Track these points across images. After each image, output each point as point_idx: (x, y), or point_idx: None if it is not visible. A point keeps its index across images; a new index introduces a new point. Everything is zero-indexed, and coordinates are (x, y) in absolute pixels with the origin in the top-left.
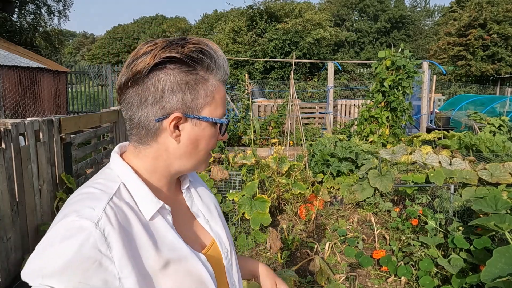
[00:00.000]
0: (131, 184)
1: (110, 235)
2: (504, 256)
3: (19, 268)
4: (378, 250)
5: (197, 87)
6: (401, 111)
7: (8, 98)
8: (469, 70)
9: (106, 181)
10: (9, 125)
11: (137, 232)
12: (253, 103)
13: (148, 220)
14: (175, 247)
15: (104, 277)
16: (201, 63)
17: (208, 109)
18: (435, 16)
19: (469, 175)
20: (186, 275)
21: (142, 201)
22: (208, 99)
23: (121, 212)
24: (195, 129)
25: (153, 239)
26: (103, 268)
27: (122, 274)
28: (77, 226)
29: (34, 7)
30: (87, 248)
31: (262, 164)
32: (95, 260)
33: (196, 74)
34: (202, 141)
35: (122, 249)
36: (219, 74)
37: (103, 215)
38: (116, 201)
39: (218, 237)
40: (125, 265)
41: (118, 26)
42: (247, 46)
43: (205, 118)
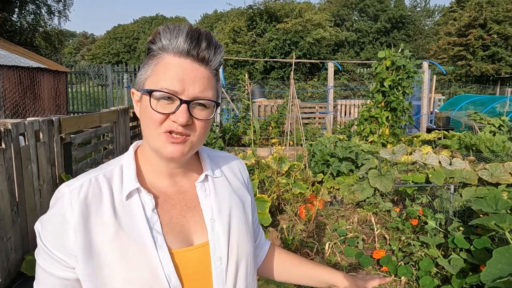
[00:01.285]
0: (126, 166)
1: (74, 204)
2: (504, 256)
3: (19, 268)
4: (378, 250)
5: (145, 65)
6: (401, 111)
7: (8, 98)
8: (469, 70)
9: (111, 162)
10: (9, 125)
11: (104, 208)
12: (253, 103)
13: (125, 201)
14: (139, 232)
15: (64, 237)
16: (156, 44)
17: (149, 81)
18: (435, 16)
19: (469, 175)
20: (140, 263)
21: (125, 181)
22: (149, 72)
23: (96, 188)
24: (142, 104)
25: (119, 218)
26: (64, 229)
27: (75, 238)
28: (60, 190)
29: (34, 7)
30: (59, 209)
31: (262, 164)
32: (61, 221)
33: (149, 55)
34: (145, 114)
35: (80, 217)
36: (169, 47)
37: (78, 186)
38: (100, 178)
39: (215, 240)
40: (78, 231)
41: (118, 26)
42: (247, 46)
43: (143, 89)
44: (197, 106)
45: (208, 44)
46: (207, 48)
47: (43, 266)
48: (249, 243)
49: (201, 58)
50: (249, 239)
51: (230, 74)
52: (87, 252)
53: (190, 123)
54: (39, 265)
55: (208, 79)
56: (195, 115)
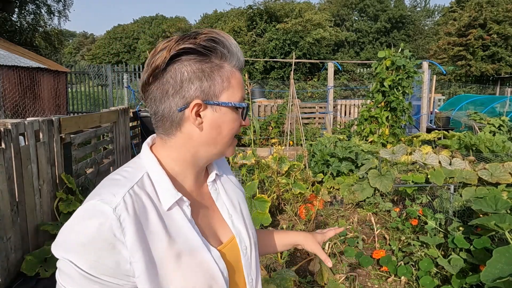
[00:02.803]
0: (154, 174)
1: (125, 221)
2: (504, 256)
3: (19, 268)
4: (378, 250)
5: (213, 74)
6: (401, 111)
7: (8, 98)
8: (469, 70)
9: (133, 170)
10: (9, 125)
11: (153, 221)
12: (253, 103)
13: (166, 210)
14: (189, 240)
15: (117, 259)
16: (214, 51)
17: (226, 94)
18: (435, 16)
19: (469, 175)
20: (197, 268)
21: (162, 191)
22: (224, 85)
23: (139, 201)
24: (216, 115)
25: (167, 229)
26: (116, 250)
27: (133, 259)
28: (98, 209)
29: (34, 7)
30: (103, 230)
31: (262, 164)
32: (110, 243)
33: (210, 62)
34: (224, 126)
35: (134, 235)
36: (233, 61)
37: (122, 202)
38: (137, 190)
39: (238, 233)
40: (136, 251)
41: (118, 26)
42: (247, 46)
43: (224, 103)
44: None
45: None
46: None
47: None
48: (254, 228)
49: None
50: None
51: None
52: (151, 268)
53: None
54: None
55: None
56: None
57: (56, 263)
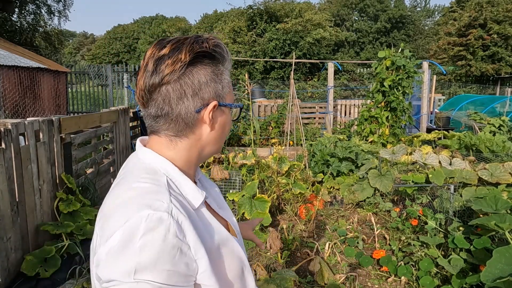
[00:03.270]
0: (174, 176)
1: (183, 223)
2: (504, 256)
3: (19, 268)
4: (378, 250)
5: (222, 77)
6: (401, 111)
7: (8, 98)
8: (469, 70)
9: (153, 175)
10: (9, 125)
11: (195, 220)
12: (253, 103)
13: (196, 209)
14: (219, 232)
15: (186, 261)
16: (220, 56)
17: (229, 96)
18: (435, 16)
19: (469, 175)
20: (233, 256)
21: (188, 191)
22: (228, 88)
23: (181, 202)
24: (223, 116)
25: (205, 226)
26: (184, 253)
27: (197, 257)
28: (156, 218)
29: (34, 7)
30: (170, 237)
31: (262, 164)
32: (178, 248)
33: (218, 66)
34: (227, 126)
35: (193, 234)
36: (229, 66)
37: (173, 206)
38: (173, 193)
39: (231, 221)
40: (198, 248)
41: (118, 26)
42: (247, 46)
43: (230, 104)
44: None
45: None
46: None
47: None
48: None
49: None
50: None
51: (230, 74)
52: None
53: None
54: None
55: None
56: None
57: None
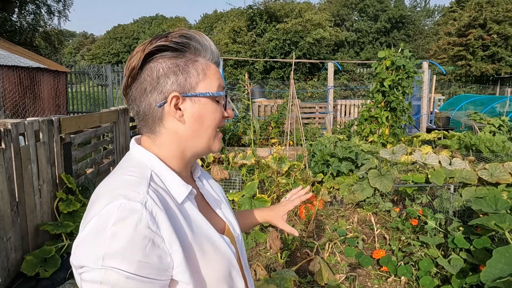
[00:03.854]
0: (160, 170)
1: (158, 215)
2: (504, 256)
3: (19, 268)
4: (378, 250)
5: (188, 68)
6: (401, 111)
7: (8, 98)
8: (469, 70)
9: (139, 169)
10: (9, 125)
11: (174, 214)
12: (253, 103)
13: (180, 204)
14: (204, 230)
15: (159, 253)
16: (188, 46)
17: (203, 85)
18: (435, 16)
19: (469, 175)
20: (218, 254)
21: (172, 185)
22: (200, 76)
23: (160, 195)
24: (196, 106)
25: (186, 221)
26: (156, 245)
27: (171, 250)
28: (129, 208)
29: (34, 7)
30: (141, 228)
31: (262, 164)
32: (150, 239)
33: (185, 57)
34: (206, 117)
35: (169, 227)
36: (207, 55)
37: (148, 197)
38: (154, 186)
39: (229, 222)
40: (173, 242)
41: (118, 26)
42: (247, 46)
43: (202, 93)
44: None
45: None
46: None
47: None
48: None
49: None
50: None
51: (230, 74)
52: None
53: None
54: None
55: None
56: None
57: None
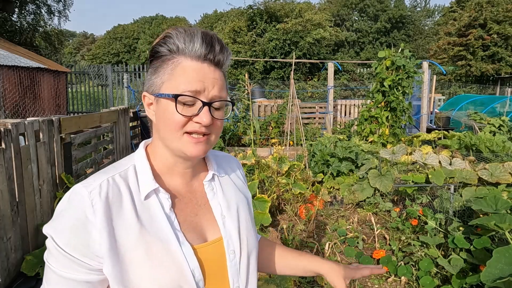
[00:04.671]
0: (139, 166)
1: (97, 204)
2: (504, 257)
3: (19, 268)
4: (378, 250)
5: (159, 68)
6: (401, 111)
7: (8, 98)
8: (469, 70)
9: (124, 161)
10: (9, 125)
11: (126, 209)
12: (253, 103)
13: (143, 200)
14: (161, 231)
15: (87, 238)
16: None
17: (167, 84)
18: (435, 16)
19: (469, 175)
20: (166, 261)
21: (141, 181)
22: (166, 76)
23: (115, 188)
24: (158, 107)
25: (140, 218)
26: (87, 230)
27: (101, 240)
28: (77, 192)
29: (34, 7)
30: (78, 211)
31: (262, 164)
32: (82, 223)
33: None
34: (163, 118)
35: (103, 217)
36: (185, 51)
37: (97, 187)
38: (117, 178)
39: (228, 235)
40: (103, 232)
41: (118, 26)
42: (247, 46)
43: (161, 94)
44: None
45: (221, 48)
46: (220, 51)
47: (60, 272)
48: (255, 237)
49: (217, 61)
50: (254, 233)
51: (230, 74)
52: (113, 253)
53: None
54: (53, 271)
55: (222, 81)
56: (214, 115)
57: None
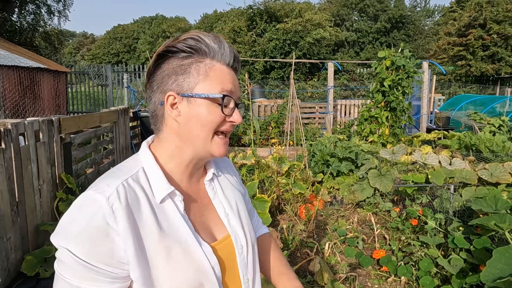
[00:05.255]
0: (149, 169)
1: (117, 210)
2: (504, 256)
3: (19, 268)
4: (378, 250)
5: (190, 69)
6: (400, 111)
7: (8, 98)
8: (469, 70)
9: (130, 164)
10: (9, 125)
11: (145, 212)
12: (253, 103)
13: (159, 203)
14: (180, 233)
15: (111, 246)
16: (196, 48)
17: (202, 86)
18: (435, 16)
19: (469, 175)
20: (188, 262)
21: (155, 184)
22: (200, 77)
23: (132, 192)
24: (191, 107)
25: (159, 222)
26: (110, 238)
27: (126, 246)
28: (92, 199)
29: (34, 7)
30: (97, 219)
31: (262, 164)
32: (103, 230)
33: (191, 58)
34: (199, 119)
35: (126, 223)
36: (216, 56)
37: (115, 192)
38: (131, 182)
39: (234, 232)
40: (128, 238)
41: (118, 26)
42: (247, 46)
43: (198, 94)
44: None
45: (237, 57)
46: (238, 61)
47: (77, 283)
48: (253, 229)
49: (236, 69)
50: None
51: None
52: (141, 257)
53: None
54: (69, 283)
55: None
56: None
57: None
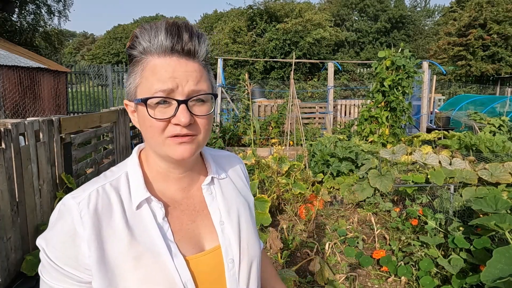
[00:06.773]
0: (131, 174)
1: (85, 217)
2: (504, 257)
3: (19, 268)
4: (378, 250)
5: (131, 73)
6: (401, 111)
7: (8, 98)
8: (469, 70)
9: (116, 169)
10: (9, 125)
11: (116, 219)
12: (253, 103)
13: (135, 210)
14: (152, 242)
15: (76, 252)
16: (136, 48)
17: (140, 89)
18: (435, 16)
19: (469, 175)
20: (157, 273)
21: (133, 190)
22: (137, 81)
23: (105, 198)
24: (138, 113)
25: (131, 229)
26: (76, 244)
27: (90, 252)
28: (65, 203)
29: (34, 7)
30: (67, 224)
31: (262, 164)
32: (70, 236)
33: (132, 62)
34: (145, 124)
35: (91, 230)
36: (150, 48)
37: (86, 197)
38: (107, 187)
39: (226, 243)
40: (92, 245)
41: (118, 26)
42: (247, 46)
43: (136, 99)
44: (196, 102)
45: (191, 35)
46: (190, 39)
47: (51, 283)
48: (257, 243)
49: (187, 51)
50: (256, 240)
51: (230, 74)
52: (102, 265)
53: (193, 122)
54: (46, 283)
55: (200, 72)
56: (195, 113)
57: None
